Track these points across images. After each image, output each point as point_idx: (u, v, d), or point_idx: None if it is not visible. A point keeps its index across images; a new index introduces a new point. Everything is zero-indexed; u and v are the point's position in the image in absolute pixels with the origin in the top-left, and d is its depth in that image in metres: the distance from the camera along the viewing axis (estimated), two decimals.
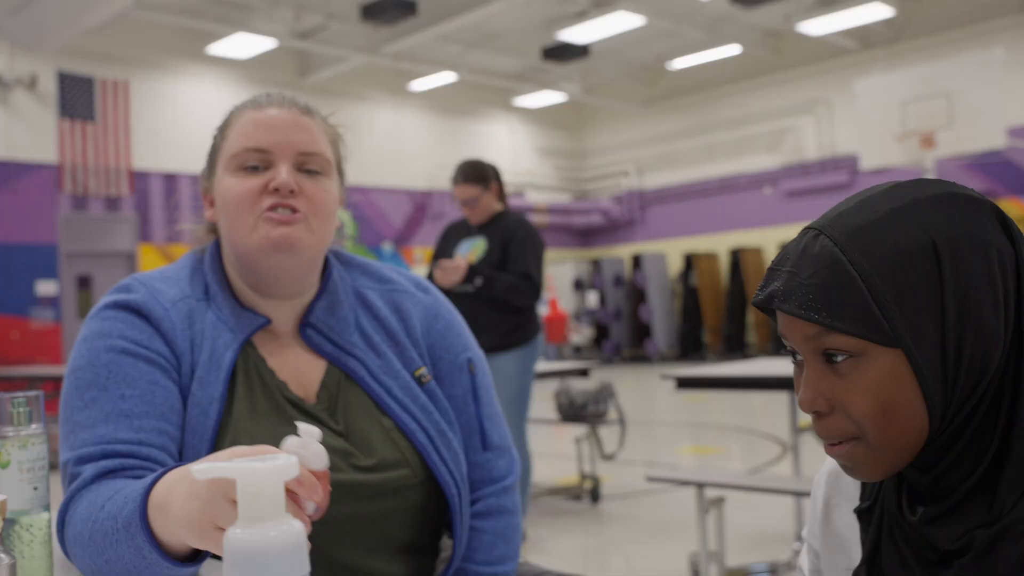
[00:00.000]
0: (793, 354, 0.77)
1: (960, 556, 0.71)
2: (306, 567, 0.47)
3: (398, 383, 1.14)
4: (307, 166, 1.11)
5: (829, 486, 0.90)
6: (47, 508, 0.92)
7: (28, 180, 10.33)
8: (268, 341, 1.14)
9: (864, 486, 0.84)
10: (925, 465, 0.75)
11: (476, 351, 1.25)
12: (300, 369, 1.13)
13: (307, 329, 1.15)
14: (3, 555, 0.54)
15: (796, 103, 14.09)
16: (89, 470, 0.97)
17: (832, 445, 0.75)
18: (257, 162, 1.10)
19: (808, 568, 0.93)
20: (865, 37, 12.81)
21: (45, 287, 10.37)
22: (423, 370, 1.17)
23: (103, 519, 0.90)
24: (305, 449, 0.73)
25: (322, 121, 1.16)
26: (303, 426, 0.74)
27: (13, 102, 10.29)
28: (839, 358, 0.72)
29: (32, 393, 0.91)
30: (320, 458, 0.74)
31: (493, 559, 1.15)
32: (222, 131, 1.15)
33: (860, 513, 0.82)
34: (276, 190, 1.08)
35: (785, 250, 0.78)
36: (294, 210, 1.09)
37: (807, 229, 0.77)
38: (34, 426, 0.91)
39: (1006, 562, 0.68)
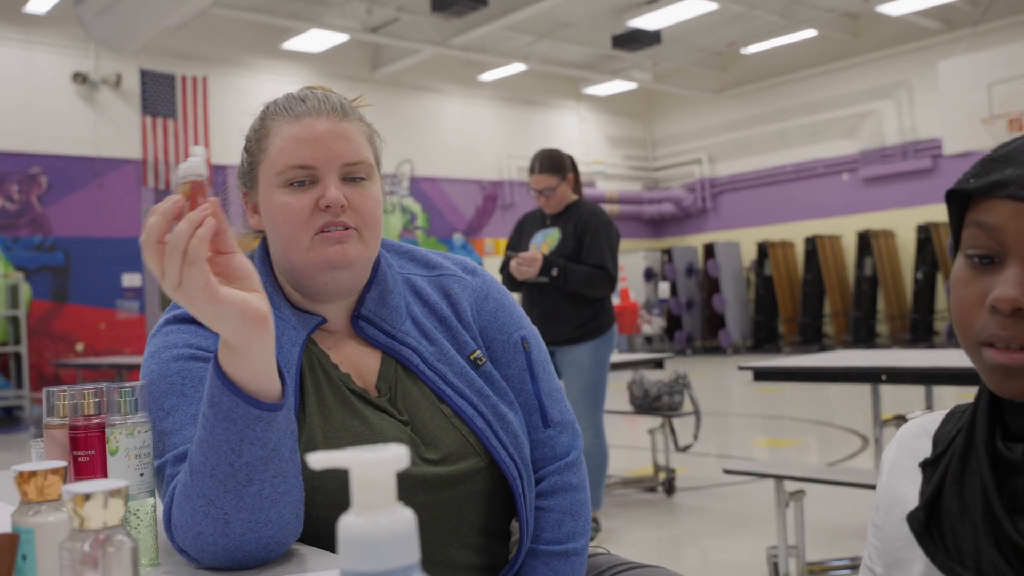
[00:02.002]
0: (988, 257, 0.75)
1: None
2: (416, 554, 0.48)
3: (453, 369, 1.14)
4: (352, 175, 1.11)
5: (899, 449, 0.89)
6: (152, 493, 0.96)
7: (114, 176, 10.71)
8: (324, 337, 1.15)
9: (936, 445, 0.83)
10: None
11: (529, 328, 1.23)
12: (358, 361, 1.14)
13: (359, 321, 1.15)
14: (125, 538, 0.57)
15: (875, 87, 13.69)
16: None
17: (1008, 349, 0.73)
18: (304, 178, 1.10)
19: (869, 543, 0.92)
20: (948, 17, 12.37)
21: (130, 279, 10.75)
22: (478, 353, 1.17)
23: (193, 451, 0.93)
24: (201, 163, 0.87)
25: (359, 121, 1.15)
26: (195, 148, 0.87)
27: (99, 101, 10.67)
28: None
29: (139, 383, 0.95)
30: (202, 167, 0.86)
31: (562, 536, 1.15)
32: (259, 140, 1.14)
33: (924, 465, 0.81)
34: (327, 207, 1.09)
35: (1018, 143, 0.75)
36: (345, 226, 1.10)
37: None
38: (140, 415, 0.95)
39: None
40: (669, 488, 4.64)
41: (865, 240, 13.41)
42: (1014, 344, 0.72)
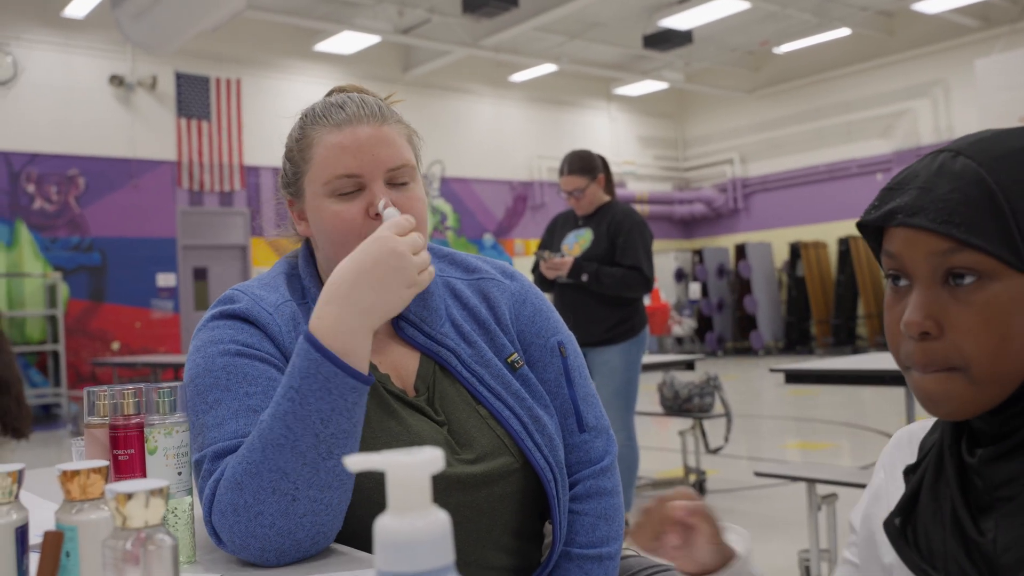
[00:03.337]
0: (895, 277, 0.76)
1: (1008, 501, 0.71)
2: (451, 555, 0.48)
3: (490, 372, 1.15)
4: (397, 179, 1.14)
5: (887, 455, 0.89)
6: (190, 492, 0.98)
7: (149, 177, 10.86)
8: None
9: (920, 451, 0.83)
10: (998, 407, 0.73)
11: (566, 333, 1.25)
12: (397, 361, 1.16)
13: (400, 321, 1.17)
14: (166, 537, 0.58)
15: (911, 86, 13.51)
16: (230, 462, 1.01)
17: (927, 373, 0.73)
18: (351, 187, 1.12)
19: (848, 544, 0.93)
20: (986, 15, 12.17)
21: (165, 279, 10.90)
22: (515, 356, 1.18)
23: (268, 426, 0.97)
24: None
25: (398, 123, 1.17)
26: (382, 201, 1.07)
27: (135, 103, 10.82)
28: (963, 280, 0.70)
29: (177, 383, 0.97)
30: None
31: (596, 541, 1.16)
32: (301, 150, 1.16)
33: (906, 472, 0.82)
34: (377, 215, 1.11)
35: (910, 170, 0.76)
36: None
37: (940, 152, 0.75)
38: (178, 414, 0.97)
39: None
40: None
41: None
42: (930, 369, 0.72)
